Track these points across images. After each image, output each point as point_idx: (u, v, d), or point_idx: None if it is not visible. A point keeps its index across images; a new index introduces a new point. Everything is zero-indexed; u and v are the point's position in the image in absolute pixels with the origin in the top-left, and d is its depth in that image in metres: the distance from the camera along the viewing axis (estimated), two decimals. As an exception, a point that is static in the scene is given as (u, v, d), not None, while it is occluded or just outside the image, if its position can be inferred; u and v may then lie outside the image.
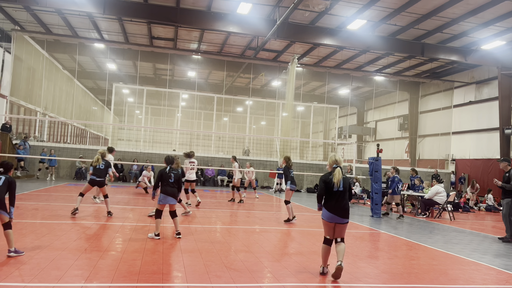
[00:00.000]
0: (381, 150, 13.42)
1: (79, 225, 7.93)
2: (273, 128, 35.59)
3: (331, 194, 5.52)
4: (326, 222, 5.53)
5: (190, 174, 12.16)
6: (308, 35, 19.56)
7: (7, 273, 4.66)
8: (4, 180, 5.43)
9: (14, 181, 5.57)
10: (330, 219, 5.47)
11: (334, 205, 5.46)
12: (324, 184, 5.57)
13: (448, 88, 26.69)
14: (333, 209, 5.45)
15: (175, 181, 7.47)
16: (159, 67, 29.44)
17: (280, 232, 8.86)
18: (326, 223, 5.54)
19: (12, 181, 5.53)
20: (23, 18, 21.01)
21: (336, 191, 5.51)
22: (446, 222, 12.60)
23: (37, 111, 24.30)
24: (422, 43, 20.36)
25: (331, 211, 5.45)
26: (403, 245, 8.17)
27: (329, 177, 5.57)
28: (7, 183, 5.46)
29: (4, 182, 5.43)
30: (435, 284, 5.41)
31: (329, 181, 5.55)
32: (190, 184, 12.16)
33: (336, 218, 5.45)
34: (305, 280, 5.19)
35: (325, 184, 5.56)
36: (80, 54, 25.26)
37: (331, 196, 5.51)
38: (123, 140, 27.40)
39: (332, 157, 5.78)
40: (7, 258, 5.25)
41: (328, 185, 5.54)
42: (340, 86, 31.64)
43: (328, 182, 5.55)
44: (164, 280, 4.82)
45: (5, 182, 5.44)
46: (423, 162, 28.26)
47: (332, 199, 5.50)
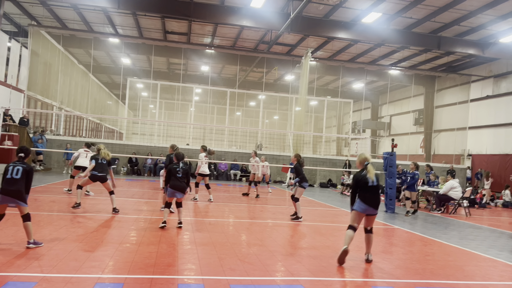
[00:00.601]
0: (396, 145, 13.28)
1: (95, 218, 8.06)
2: (286, 122, 35.53)
3: (366, 188, 5.92)
4: (358, 213, 5.92)
5: (204, 168, 12.20)
6: (322, 29, 19.40)
7: (27, 264, 4.77)
8: (22, 172, 5.48)
9: (31, 170, 5.62)
10: (364, 210, 5.91)
11: (369, 198, 5.90)
12: (356, 182, 6.00)
13: (465, 82, 26.24)
14: (369, 201, 5.88)
15: (184, 175, 7.71)
16: (172, 61, 29.58)
17: (293, 226, 8.87)
18: (358, 213, 5.93)
19: (29, 170, 5.58)
20: (40, 13, 21.28)
21: (371, 185, 5.94)
22: (461, 218, 12.44)
23: (53, 105, 24.67)
24: (438, 36, 20.02)
25: (367, 203, 5.87)
26: (418, 241, 8.10)
27: (362, 174, 5.99)
28: (25, 174, 5.51)
29: (23, 173, 5.49)
30: (451, 280, 5.36)
31: (361, 178, 5.96)
32: (203, 178, 12.21)
33: (369, 210, 5.91)
34: (319, 274, 5.20)
35: (358, 181, 5.98)
36: (95, 48, 25.51)
37: (367, 190, 5.92)
38: (137, 134, 27.69)
39: (361, 155, 6.22)
40: (26, 249, 5.37)
41: (362, 182, 5.94)
42: (354, 80, 31.37)
43: (360, 180, 5.96)
44: (179, 272, 4.87)
45: (23, 174, 5.49)
46: (438, 157, 27.91)
47: (367, 192, 5.91)
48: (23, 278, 4.28)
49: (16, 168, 5.46)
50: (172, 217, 8.20)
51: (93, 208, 9.26)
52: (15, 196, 5.38)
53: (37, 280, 4.22)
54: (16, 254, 5.10)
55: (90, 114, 29.87)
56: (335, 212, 11.96)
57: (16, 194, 5.38)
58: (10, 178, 5.41)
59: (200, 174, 12.13)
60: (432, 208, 13.91)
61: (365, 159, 6.14)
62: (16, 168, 5.46)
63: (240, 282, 4.65)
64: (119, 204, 10.14)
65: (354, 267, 5.68)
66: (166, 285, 4.39)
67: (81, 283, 4.26)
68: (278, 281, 4.79)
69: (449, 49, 20.60)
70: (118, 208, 8.92)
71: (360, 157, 6.21)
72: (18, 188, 5.40)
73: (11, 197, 5.38)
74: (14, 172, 5.43)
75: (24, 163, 5.59)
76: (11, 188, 5.36)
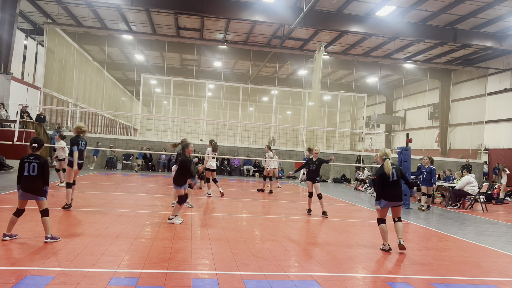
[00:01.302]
0: (411, 139, 13.12)
1: (110, 213, 8.17)
2: (299, 117, 35.38)
3: (387, 184, 6.30)
4: (382, 209, 6.38)
5: (211, 162, 12.18)
6: (336, 23, 19.25)
7: (44, 258, 4.87)
8: (38, 168, 5.58)
9: (46, 162, 5.68)
10: (386, 205, 6.35)
11: (390, 193, 6.28)
12: (381, 178, 6.33)
13: (481, 75, 25.76)
14: (390, 196, 6.29)
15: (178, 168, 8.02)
16: (185, 57, 29.70)
17: (306, 221, 8.86)
18: (381, 210, 6.39)
19: (44, 164, 5.63)
20: (55, 11, 21.57)
21: (391, 181, 6.32)
22: (478, 214, 12.26)
23: (69, 102, 25.03)
24: (454, 29, 19.68)
25: (388, 199, 6.29)
26: (433, 237, 8.02)
27: (383, 169, 6.35)
28: (40, 169, 5.60)
29: (38, 169, 5.58)
30: (467, 276, 5.30)
31: (384, 173, 6.33)
32: (211, 173, 12.29)
33: (392, 203, 6.33)
34: (332, 269, 5.19)
35: (382, 177, 6.33)
36: (109, 45, 25.76)
37: (387, 186, 6.30)
38: (151, 130, 27.92)
39: (382, 150, 6.60)
40: (44, 244, 5.48)
41: (385, 177, 6.30)
42: (368, 74, 31.06)
43: (383, 175, 6.32)
44: (193, 267, 4.91)
45: (39, 170, 5.59)
46: (454, 152, 27.51)
47: (388, 188, 6.29)
48: (41, 272, 4.37)
49: (31, 165, 5.57)
50: (188, 212, 8.26)
51: (109, 204, 9.38)
52: (34, 192, 5.55)
53: (55, 274, 4.30)
54: (34, 249, 5.21)
55: (105, 110, 30.22)
56: (349, 208, 11.90)
57: (34, 190, 5.55)
58: (27, 175, 5.56)
59: (207, 169, 12.23)
60: (448, 203, 13.73)
61: (384, 154, 6.52)
62: (31, 165, 5.57)
63: (253, 277, 4.67)
64: (135, 200, 10.27)
65: (368, 263, 5.65)
66: (181, 279, 4.43)
67: (98, 277, 4.33)
68: (292, 277, 4.79)
69: (465, 41, 20.24)
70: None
71: (381, 152, 6.58)
72: (36, 184, 5.55)
73: (30, 193, 5.56)
74: (30, 169, 5.55)
75: (38, 158, 5.64)
76: (30, 184, 5.54)
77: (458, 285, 4.88)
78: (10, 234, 5.61)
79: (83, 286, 4.03)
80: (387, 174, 6.29)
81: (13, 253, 5.00)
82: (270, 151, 15.22)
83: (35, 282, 4.05)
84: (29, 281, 4.05)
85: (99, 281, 4.21)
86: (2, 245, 5.27)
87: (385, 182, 6.31)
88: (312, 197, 9.96)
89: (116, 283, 4.18)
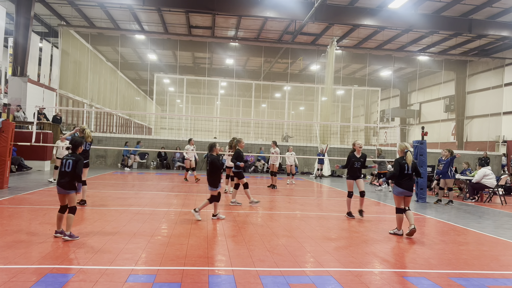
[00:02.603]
0: (426, 133, 12.93)
1: (127, 211, 8.27)
2: (312, 113, 35.19)
3: (403, 175, 7.05)
4: (398, 197, 7.12)
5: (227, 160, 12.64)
6: (347, 17, 19.06)
7: (64, 256, 4.96)
8: (72, 164, 5.83)
9: (79, 160, 5.90)
10: (401, 193, 7.08)
11: (404, 183, 7.04)
12: (400, 167, 7.08)
13: (498, 65, 25.24)
14: (404, 185, 7.04)
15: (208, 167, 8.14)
16: (198, 55, 29.80)
17: (321, 217, 8.83)
18: (398, 197, 7.13)
19: (77, 161, 5.86)
20: (68, 13, 21.86)
21: (406, 173, 7.06)
22: (497, 207, 12.05)
23: (84, 103, 25.38)
24: (469, 19, 19.31)
25: (403, 187, 7.05)
26: (451, 230, 7.91)
27: (403, 161, 7.09)
28: (75, 165, 5.83)
29: (72, 165, 5.83)
30: (486, 270, 5.23)
31: (402, 164, 7.08)
32: (230, 170, 12.45)
33: (405, 192, 7.08)
34: (349, 265, 5.17)
35: (400, 166, 7.08)
36: (122, 46, 26.01)
37: (403, 176, 7.05)
38: (165, 129, 28.15)
39: (402, 144, 7.36)
40: (63, 242, 5.58)
41: (402, 167, 7.06)
42: (381, 67, 30.71)
43: (402, 165, 7.08)
44: (210, 263, 4.95)
45: (73, 166, 5.83)
46: (471, 145, 27.06)
47: (402, 179, 7.05)
48: (61, 270, 4.46)
49: (67, 162, 5.86)
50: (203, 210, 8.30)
51: (125, 202, 9.51)
52: (65, 187, 5.80)
53: (75, 272, 4.39)
54: (54, 247, 5.32)
55: (120, 110, 30.56)
56: (365, 202, 11.80)
57: (66, 185, 5.80)
58: (63, 171, 5.85)
59: (227, 167, 12.57)
60: (466, 197, 13.52)
61: (405, 148, 7.27)
62: (67, 161, 5.86)
63: (269, 273, 4.68)
64: (150, 198, 10.39)
65: (385, 258, 5.62)
66: (197, 276, 4.47)
67: (116, 274, 4.40)
68: (308, 272, 4.79)
69: (481, 32, 19.84)
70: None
71: (401, 146, 7.32)
72: (68, 179, 5.81)
73: (63, 188, 5.81)
74: (66, 165, 5.84)
75: (74, 155, 5.93)
76: (63, 180, 5.81)
77: (477, 279, 4.82)
78: (61, 231, 5.84)
79: (102, 283, 4.10)
80: (407, 165, 7.04)
81: (34, 251, 5.10)
82: (277, 147, 15.38)
83: (56, 280, 4.13)
84: (49, 279, 4.14)
85: (117, 278, 4.28)
86: (24, 244, 5.39)
87: (401, 174, 7.04)
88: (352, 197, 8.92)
89: (134, 280, 4.24)
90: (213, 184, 7.77)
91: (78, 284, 4.03)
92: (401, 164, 7.08)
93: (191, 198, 10.89)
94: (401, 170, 7.04)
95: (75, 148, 6.05)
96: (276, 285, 4.28)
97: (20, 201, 9.01)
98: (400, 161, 7.12)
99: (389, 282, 4.57)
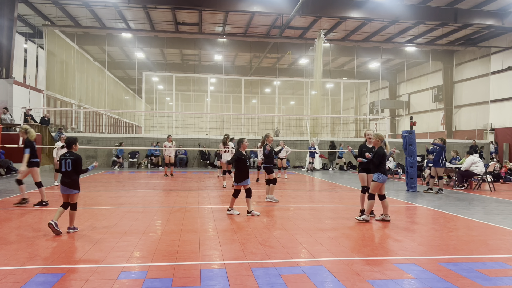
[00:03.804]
0: (415, 122, 13.03)
1: (118, 210, 8.24)
2: (303, 107, 35.30)
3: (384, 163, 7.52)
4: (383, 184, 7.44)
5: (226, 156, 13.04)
6: (334, 9, 19.10)
7: (54, 256, 4.93)
8: (72, 163, 6.11)
9: (78, 158, 6.19)
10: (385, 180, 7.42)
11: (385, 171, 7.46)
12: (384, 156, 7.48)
13: (484, 54, 25.50)
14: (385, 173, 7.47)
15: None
16: (186, 52, 29.65)
17: (314, 210, 8.87)
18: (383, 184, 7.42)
19: (76, 159, 6.15)
20: (53, 13, 21.59)
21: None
22: (486, 193, 12.21)
23: (72, 103, 25.15)
24: (454, 9, 19.46)
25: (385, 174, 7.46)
26: (441, 218, 8.01)
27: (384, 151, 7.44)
28: (75, 164, 6.13)
29: (72, 165, 6.11)
30: (475, 255, 5.30)
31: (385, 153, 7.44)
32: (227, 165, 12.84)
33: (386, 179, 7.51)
34: (340, 254, 5.21)
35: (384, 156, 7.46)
36: (109, 45, 25.79)
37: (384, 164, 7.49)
38: (156, 127, 28.01)
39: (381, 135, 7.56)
40: (54, 242, 5.54)
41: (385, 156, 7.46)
42: (370, 59, 30.85)
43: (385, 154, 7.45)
44: (201, 258, 4.96)
45: (73, 165, 6.12)
46: (460, 133, 27.35)
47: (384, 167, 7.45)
48: (51, 270, 4.43)
49: (67, 161, 6.12)
50: (195, 206, 8.31)
51: (116, 201, 9.46)
52: (69, 186, 6.12)
53: (65, 271, 4.36)
54: (44, 248, 5.28)
55: (108, 109, 30.32)
56: (356, 194, 11.90)
57: (69, 184, 6.12)
58: (64, 171, 6.14)
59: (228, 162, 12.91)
60: (455, 184, 13.68)
61: (383, 137, 7.54)
62: (67, 161, 6.12)
63: (261, 265, 4.70)
64: (142, 196, 10.34)
65: (376, 246, 5.67)
66: (189, 271, 4.47)
67: (107, 272, 4.38)
68: (300, 263, 4.82)
69: (466, 21, 20.01)
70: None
71: (381, 137, 7.49)
72: (70, 178, 6.12)
73: (66, 187, 6.12)
74: (66, 165, 6.13)
75: (72, 154, 6.18)
76: (66, 179, 6.13)
77: (466, 263, 4.88)
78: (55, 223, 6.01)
79: (93, 281, 4.08)
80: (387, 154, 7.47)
81: (24, 252, 5.06)
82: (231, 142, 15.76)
83: (46, 279, 4.10)
84: (40, 279, 4.11)
85: (109, 276, 4.26)
86: (13, 245, 5.34)
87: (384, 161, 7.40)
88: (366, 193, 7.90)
89: (125, 277, 4.23)
90: (237, 179, 7.85)
91: (69, 283, 4.01)
92: (384, 154, 7.36)
93: (182, 195, 10.87)
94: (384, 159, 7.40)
95: (69, 146, 6.25)
96: (268, 277, 4.29)
97: (10, 204, 8.92)
98: (382, 151, 7.35)
99: (380, 269, 4.62)
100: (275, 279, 4.24)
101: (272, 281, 4.16)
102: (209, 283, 4.08)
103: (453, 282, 4.20)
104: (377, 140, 7.43)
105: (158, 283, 4.08)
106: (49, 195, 9.77)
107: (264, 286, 4.01)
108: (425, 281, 4.25)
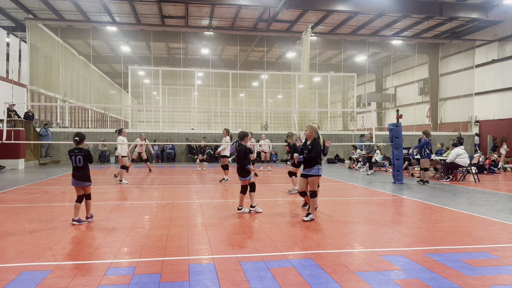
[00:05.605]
0: (401, 115, 13.16)
1: (105, 206, 8.17)
2: (290, 101, 35.33)
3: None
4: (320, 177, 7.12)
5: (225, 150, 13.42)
6: (321, 2, 19.10)
7: (40, 253, 4.86)
8: (83, 159, 6.47)
9: (89, 153, 6.56)
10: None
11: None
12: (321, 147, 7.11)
13: (469, 47, 25.80)
14: None
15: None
16: (172, 46, 29.36)
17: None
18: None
19: (87, 155, 6.53)
20: (35, 6, 21.13)
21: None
22: (470, 185, 12.42)
23: (57, 98, 24.74)
24: (440, 2, 19.61)
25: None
26: (426, 209, 8.12)
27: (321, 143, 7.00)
28: (86, 160, 6.51)
29: (84, 160, 6.48)
30: (459, 245, 5.39)
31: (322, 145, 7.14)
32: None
33: None
34: (328, 247, 5.25)
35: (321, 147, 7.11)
36: (93, 38, 25.39)
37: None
38: (142, 122, 27.77)
39: (314, 125, 6.99)
40: (38, 237, 5.47)
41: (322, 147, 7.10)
42: (356, 53, 30.96)
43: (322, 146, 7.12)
44: (190, 253, 4.95)
45: (84, 160, 6.49)
46: (445, 126, 27.71)
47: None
48: (37, 267, 4.37)
49: (77, 158, 6.48)
50: (183, 200, 8.29)
51: (103, 197, 9.37)
52: (82, 179, 6.52)
53: (51, 269, 4.31)
54: (29, 245, 5.21)
55: (94, 104, 29.93)
56: (344, 186, 11.99)
57: (82, 178, 6.52)
58: (76, 166, 6.50)
59: (222, 156, 13.43)
60: (441, 176, 13.88)
61: (317, 128, 7.00)
62: (77, 157, 6.47)
63: (249, 258, 4.71)
64: (128, 191, 10.25)
65: (363, 238, 5.73)
66: (178, 266, 4.46)
67: (94, 268, 4.35)
68: (288, 256, 4.85)
69: (451, 14, 20.18)
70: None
71: (314, 128, 6.96)
72: (82, 173, 6.51)
73: (79, 181, 6.51)
74: (77, 161, 6.48)
75: (81, 150, 6.51)
76: (78, 174, 6.50)
77: (452, 254, 4.96)
78: (78, 219, 6.44)
79: (80, 278, 4.04)
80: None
81: (9, 250, 4.99)
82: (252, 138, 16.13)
83: (32, 277, 4.05)
84: (25, 277, 4.06)
85: (96, 272, 4.23)
86: (-3, 244, 5.26)
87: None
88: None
89: (113, 273, 4.20)
90: (244, 174, 7.62)
91: (55, 280, 3.97)
92: (321, 145, 6.99)
93: (170, 190, 10.82)
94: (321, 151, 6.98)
95: (80, 142, 6.57)
96: (256, 270, 4.31)
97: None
98: (319, 141, 6.93)
99: (367, 261, 4.67)
100: (264, 272, 4.25)
101: (260, 275, 4.18)
102: (197, 278, 4.08)
103: (439, 273, 4.27)
104: (311, 132, 6.93)
105: (146, 278, 4.06)
106: (20, 192, 9.61)
107: (252, 280, 4.02)
108: (411, 272, 4.31)
